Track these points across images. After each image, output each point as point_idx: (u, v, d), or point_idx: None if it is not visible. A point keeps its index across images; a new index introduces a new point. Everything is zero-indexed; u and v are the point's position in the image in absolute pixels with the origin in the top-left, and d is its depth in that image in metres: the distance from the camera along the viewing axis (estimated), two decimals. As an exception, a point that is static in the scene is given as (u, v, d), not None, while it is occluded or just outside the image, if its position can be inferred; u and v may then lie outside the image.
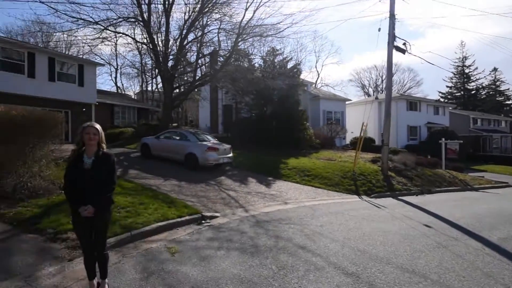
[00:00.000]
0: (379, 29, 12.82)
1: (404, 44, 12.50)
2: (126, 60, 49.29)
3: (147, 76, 36.64)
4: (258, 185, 9.75)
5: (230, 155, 11.40)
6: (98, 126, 3.03)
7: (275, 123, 17.69)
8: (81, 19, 12.96)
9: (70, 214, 5.06)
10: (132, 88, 51.10)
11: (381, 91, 46.56)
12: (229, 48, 16.58)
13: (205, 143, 10.88)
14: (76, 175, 2.91)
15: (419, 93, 49.25)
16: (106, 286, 3.14)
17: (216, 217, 6.23)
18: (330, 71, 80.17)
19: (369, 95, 49.43)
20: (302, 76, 21.77)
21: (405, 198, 10.26)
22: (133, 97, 37.53)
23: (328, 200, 8.99)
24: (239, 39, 15.88)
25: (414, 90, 50.93)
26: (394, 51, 12.60)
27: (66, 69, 17.77)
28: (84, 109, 18.17)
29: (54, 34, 24.71)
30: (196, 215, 5.99)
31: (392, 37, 12.41)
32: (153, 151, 11.71)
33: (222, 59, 17.92)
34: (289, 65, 19.94)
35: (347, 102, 29.25)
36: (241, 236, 5.07)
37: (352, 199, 9.61)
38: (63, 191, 6.19)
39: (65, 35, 17.19)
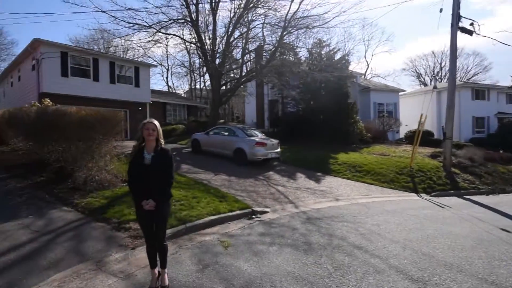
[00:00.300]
0: (441, 10, 11.53)
1: (472, 24, 11.12)
2: (176, 60, 51.96)
3: (195, 74, 38.17)
4: (307, 180, 9.54)
5: (278, 150, 11.32)
6: (156, 122, 3.16)
7: (323, 117, 17.16)
8: (136, 24, 13.82)
9: (131, 206, 5.46)
10: (181, 87, 53.79)
11: (439, 79, 42.36)
12: (274, 43, 16.42)
13: (253, 138, 10.94)
14: (138, 170, 3.06)
15: (486, 80, 43.73)
16: (166, 275, 3.27)
17: (266, 212, 6.20)
18: (381, 60, 75.01)
19: (425, 85, 45.37)
20: (350, 68, 20.76)
21: (473, 197, 9.21)
22: (182, 95, 39.39)
23: (382, 197, 8.45)
24: (285, 33, 15.64)
25: (480, 77, 45.31)
26: (459, 33, 11.28)
27: (124, 72, 19.24)
28: (140, 108, 19.56)
29: (113, 40, 26.99)
30: (246, 209, 6.03)
31: (456, 17, 11.12)
32: (203, 146, 12.13)
33: (266, 55, 17.86)
34: (337, 56, 19.15)
35: (400, 93, 27.19)
36: (292, 233, 4.97)
37: (409, 197, 8.91)
38: (125, 185, 6.71)
39: (122, 41, 18.61)
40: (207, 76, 36.44)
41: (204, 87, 38.31)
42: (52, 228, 4.66)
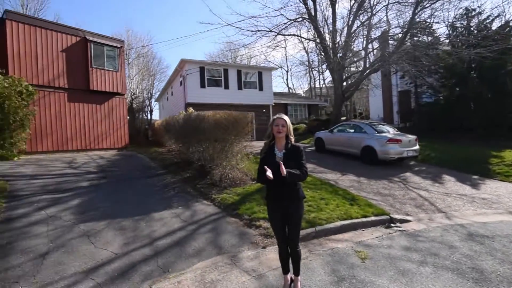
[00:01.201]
0: None
1: None
2: (295, 58, 53.21)
3: (314, 73, 37.93)
4: (459, 185, 7.64)
5: (416, 147, 9.62)
6: (286, 118, 2.95)
7: (475, 106, 13.74)
8: (258, 30, 14.65)
9: (260, 204, 5.56)
10: (301, 87, 54.74)
11: None
12: (403, 25, 14.25)
13: (384, 134, 9.66)
14: (270, 168, 2.91)
15: None
16: (299, 284, 3.03)
17: (408, 221, 5.20)
18: None
19: None
20: (516, 38, 15.77)
21: None
22: (302, 95, 39.80)
23: None
24: (417, 10, 13.37)
25: None
26: None
27: (249, 78, 20.89)
28: (264, 110, 20.76)
29: (239, 50, 29.93)
30: (383, 216, 5.22)
31: None
32: (327, 145, 11.61)
33: (393, 41, 15.74)
34: (494, 25, 14.90)
35: None
36: (450, 252, 3.90)
37: None
38: (254, 182, 7.00)
39: (246, 50, 20.31)
40: (326, 73, 35.63)
41: (323, 85, 37.63)
42: (195, 219, 5.22)
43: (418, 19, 14.22)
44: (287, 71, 47.32)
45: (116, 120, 15.46)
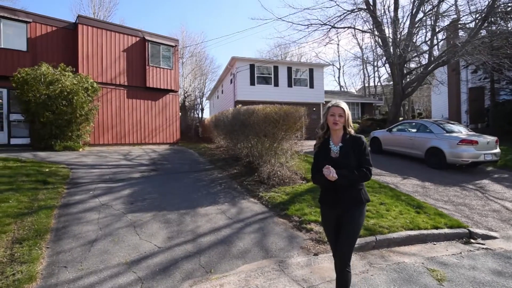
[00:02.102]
0: None
1: None
2: (349, 53, 50.84)
3: (368, 69, 35.78)
4: (559, 197, 6.25)
5: (496, 150, 8.17)
6: (344, 106, 2.43)
7: None
8: (310, 24, 14.02)
9: (311, 205, 5.07)
10: (353, 85, 52.13)
11: None
12: (481, 10, 12.38)
13: (455, 134, 8.39)
14: (324, 164, 2.46)
15: None
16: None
17: (493, 237, 4.29)
18: None
19: None
20: None
21: None
22: (354, 93, 37.82)
23: None
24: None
25: None
26: None
27: (299, 75, 20.29)
28: (314, 109, 19.99)
29: (289, 47, 29.40)
30: (459, 229, 4.38)
31: None
32: (384, 145, 10.57)
33: (463, 33, 13.83)
34: None
35: None
36: (563, 283, 3.02)
37: None
38: (304, 182, 6.53)
39: (296, 48, 19.71)
40: (382, 70, 33.34)
41: (378, 83, 35.28)
42: (241, 217, 4.94)
43: (498, 3, 12.29)
44: (339, 69, 45.58)
45: (169, 116, 16.11)
